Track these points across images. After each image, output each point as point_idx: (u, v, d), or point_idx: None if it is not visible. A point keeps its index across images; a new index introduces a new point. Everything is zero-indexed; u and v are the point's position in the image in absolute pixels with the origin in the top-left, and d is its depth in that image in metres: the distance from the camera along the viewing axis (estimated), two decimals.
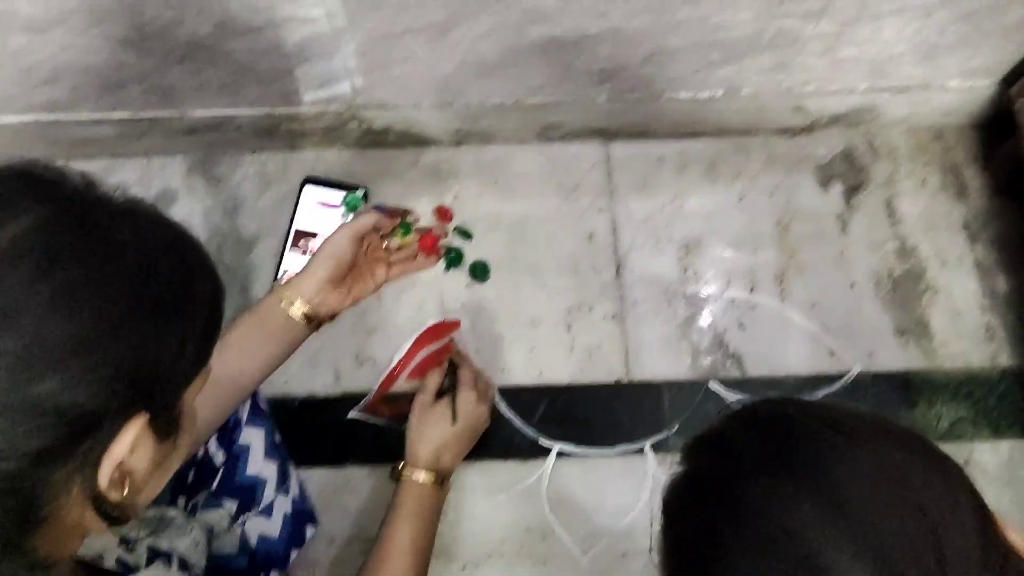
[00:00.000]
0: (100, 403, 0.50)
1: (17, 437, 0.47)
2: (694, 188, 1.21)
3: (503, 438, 1.10)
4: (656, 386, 1.12)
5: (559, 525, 1.07)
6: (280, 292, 0.91)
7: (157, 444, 0.56)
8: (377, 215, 0.96)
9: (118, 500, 0.54)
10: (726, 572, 0.49)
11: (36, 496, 0.49)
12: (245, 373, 0.90)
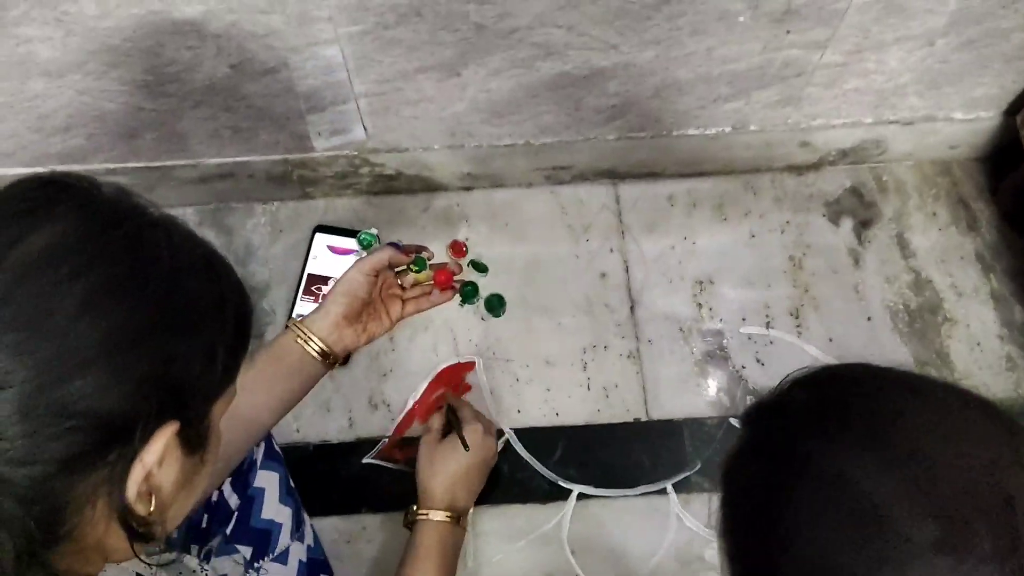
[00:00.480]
0: (130, 408, 0.49)
1: (45, 441, 0.46)
2: (704, 227, 1.21)
3: (520, 481, 1.07)
4: (676, 424, 1.10)
5: (582, 570, 1.03)
6: (295, 329, 0.90)
7: (185, 458, 0.54)
8: (391, 251, 0.96)
9: (144, 515, 0.52)
10: (788, 526, 0.48)
11: (61, 506, 0.48)
12: (260, 411, 0.88)
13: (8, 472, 0.46)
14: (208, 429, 0.56)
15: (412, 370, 1.13)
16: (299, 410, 1.10)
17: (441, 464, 0.95)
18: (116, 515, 0.51)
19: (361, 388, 1.12)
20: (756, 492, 0.52)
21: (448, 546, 0.91)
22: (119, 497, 0.50)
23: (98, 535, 0.52)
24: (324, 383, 1.11)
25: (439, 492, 0.94)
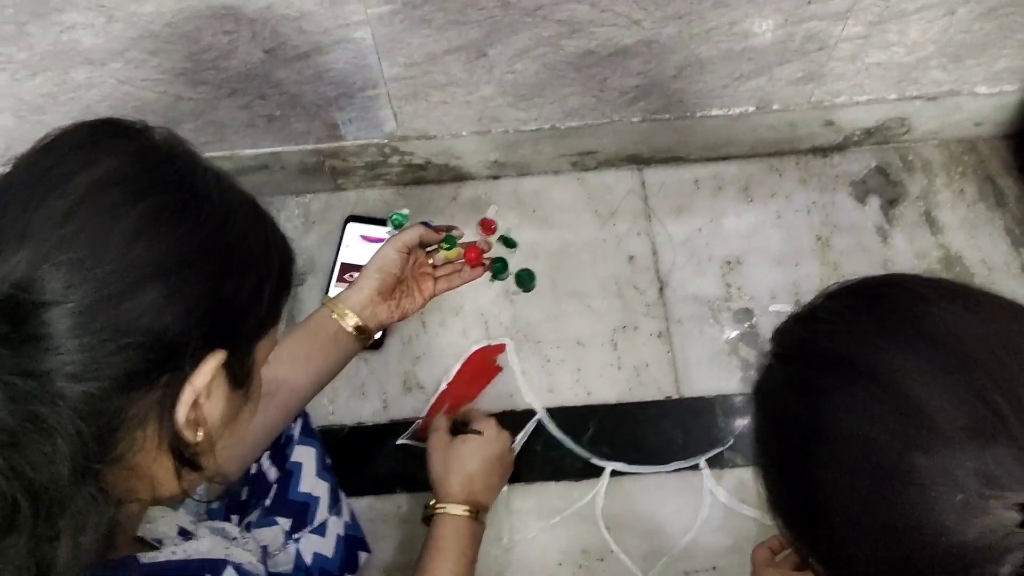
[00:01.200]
0: (183, 330, 0.51)
1: (102, 358, 0.48)
2: (730, 209, 1.22)
3: (553, 459, 1.08)
4: (707, 401, 1.11)
5: (617, 545, 1.03)
6: (330, 305, 0.92)
7: (230, 393, 0.56)
8: (423, 228, 0.98)
9: (193, 443, 0.54)
10: (824, 422, 0.49)
11: (115, 425, 0.50)
12: (297, 385, 0.90)
13: (66, 388, 0.47)
14: (252, 367, 0.58)
15: (444, 353, 1.14)
16: (334, 393, 1.12)
17: (455, 460, 0.95)
18: (165, 440, 0.53)
19: (394, 371, 1.14)
20: (791, 397, 0.53)
21: (466, 540, 0.90)
22: (169, 421, 0.52)
23: (148, 463, 0.54)
24: (358, 367, 1.13)
25: (456, 488, 0.93)
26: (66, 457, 0.47)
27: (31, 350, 0.47)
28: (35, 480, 0.45)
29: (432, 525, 0.91)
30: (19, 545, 0.45)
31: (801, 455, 0.51)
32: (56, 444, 0.46)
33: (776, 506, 0.57)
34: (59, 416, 0.47)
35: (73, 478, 0.47)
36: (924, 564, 0.46)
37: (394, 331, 1.16)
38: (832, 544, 0.51)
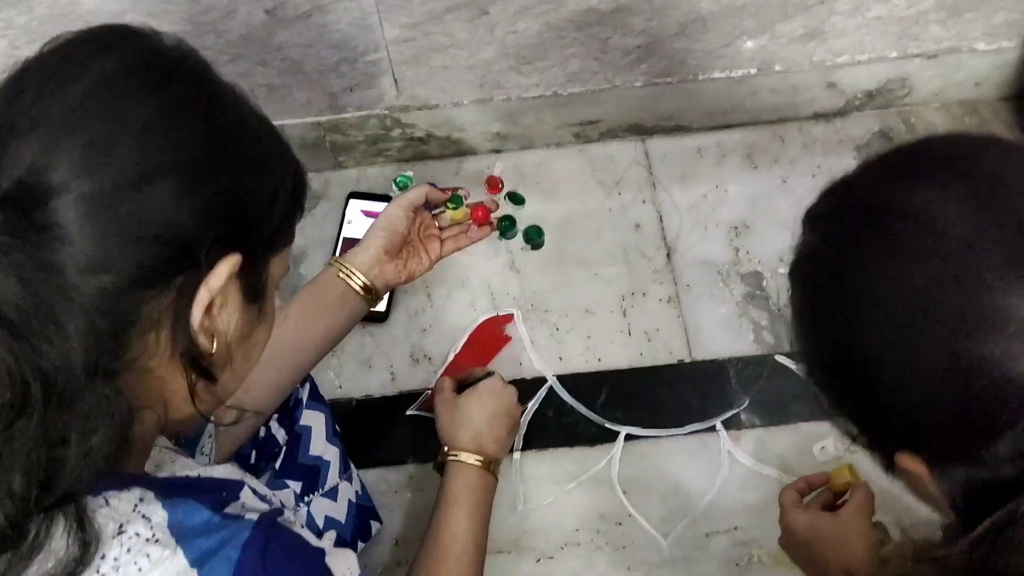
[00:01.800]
0: (197, 227, 0.50)
1: (115, 250, 0.47)
2: (735, 176, 1.22)
3: (567, 425, 1.06)
4: (721, 363, 1.09)
5: (635, 509, 1.01)
6: (337, 265, 0.91)
7: (244, 306, 0.55)
8: (428, 187, 0.97)
9: (208, 352, 0.52)
10: (861, 272, 0.49)
11: (128, 324, 0.48)
12: (304, 344, 0.88)
13: (79, 280, 0.46)
14: (266, 282, 0.57)
15: (451, 325, 1.12)
16: (340, 367, 1.10)
17: (463, 415, 0.93)
18: (180, 348, 0.51)
19: (401, 344, 1.12)
20: (829, 255, 0.52)
21: (480, 493, 0.88)
22: (184, 325, 0.51)
23: (161, 373, 0.52)
24: (363, 341, 1.12)
25: (464, 439, 0.91)
26: (79, 351, 0.45)
27: (42, 240, 0.46)
28: (47, 369, 0.43)
29: (445, 475, 0.89)
30: (29, 431, 0.43)
31: (844, 312, 0.50)
32: (69, 337, 0.45)
33: (822, 381, 0.55)
34: (72, 310, 0.45)
35: (86, 373, 0.45)
36: (973, 399, 0.45)
37: (399, 304, 1.14)
38: (883, 400, 0.50)
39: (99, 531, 0.46)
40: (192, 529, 0.48)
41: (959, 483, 0.48)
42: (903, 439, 0.50)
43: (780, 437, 1.04)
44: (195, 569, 0.46)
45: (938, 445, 0.49)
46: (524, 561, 0.99)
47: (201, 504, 0.49)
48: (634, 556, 0.99)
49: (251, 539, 0.48)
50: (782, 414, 1.05)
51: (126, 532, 0.46)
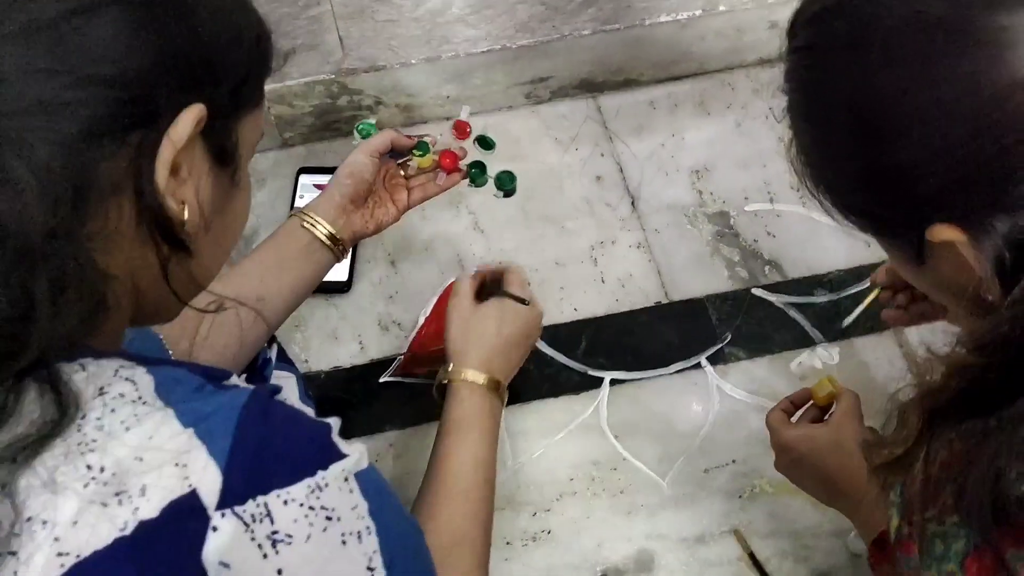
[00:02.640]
0: (151, 66, 0.45)
1: (62, 92, 0.42)
2: (689, 123, 1.21)
3: (548, 376, 1.01)
4: (698, 301, 1.06)
5: (629, 452, 0.97)
6: (300, 215, 0.86)
7: (216, 172, 0.50)
8: (393, 133, 0.92)
9: (179, 219, 0.47)
10: (865, 24, 0.48)
11: (85, 183, 0.43)
12: (270, 295, 0.82)
13: (21, 125, 0.41)
14: (238, 146, 0.52)
15: (418, 290, 1.08)
16: (305, 342, 1.05)
17: (478, 329, 0.83)
18: (146, 216, 0.46)
19: (367, 313, 1.06)
20: (825, 22, 0.50)
21: (486, 417, 0.80)
22: (149, 187, 0.45)
23: (129, 250, 0.46)
24: (328, 313, 1.06)
25: (474, 357, 0.82)
26: (35, 209, 0.39)
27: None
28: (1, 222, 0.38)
29: (451, 397, 0.80)
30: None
31: (852, 74, 0.49)
32: (21, 192, 0.39)
33: (840, 181, 0.53)
34: (19, 160, 0.40)
35: (46, 234, 0.40)
36: (1007, 131, 0.43)
37: (361, 275, 1.09)
38: (910, 167, 0.47)
39: (77, 394, 0.40)
40: (182, 394, 0.42)
41: (1001, 236, 0.45)
42: (935, 208, 0.47)
43: (766, 367, 1.02)
44: (189, 429, 0.40)
45: (970, 195, 0.46)
46: (520, 517, 0.93)
47: (191, 372, 0.44)
48: (634, 500, 0.94)
49: (250, 402, 0.42)
50: (765, 344, 1.03)
51: (108, 393, 0.41)
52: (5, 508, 0.36)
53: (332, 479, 0.42)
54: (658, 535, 0.92)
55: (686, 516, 0.93)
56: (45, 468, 0.37)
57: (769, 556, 0.91)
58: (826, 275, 1.08)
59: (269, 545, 0.39)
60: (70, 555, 0.36)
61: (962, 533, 0.46)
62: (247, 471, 0.40)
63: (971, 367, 0.45)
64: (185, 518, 0.38)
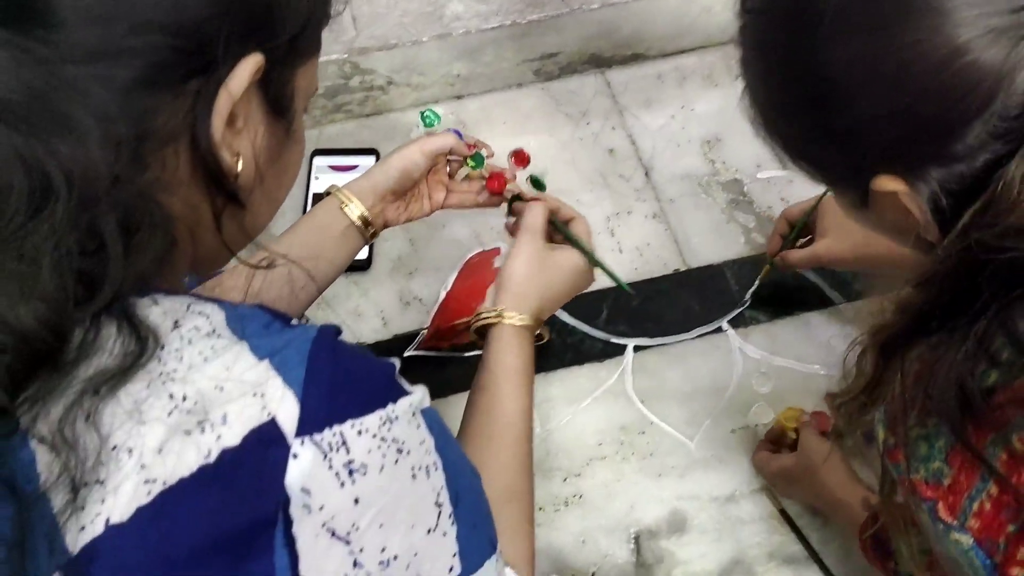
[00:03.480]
0: (209, 15, 0.45)
1: (121, 40, 0.42)
2: (698, 94, 1.22)
3: (571, 345, 1.02)
4: (716, 267, 1.07)
5: (656, 416, 0.97)
6: (339, 195, 0.84)
7: (271, 123, 0.50)
8: (455, 138, 0.88)
9: (232, 172, 0.47)
10: None
11: (144, 131, 0.43)
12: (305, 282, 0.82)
13: (83, 73, 0.41)
14: (293, 98, 0.52)
15: (438, 265, 1.08)
16: (328, 320, 1.04)
17: (547, 276, 0.78)
18: (201, 167, 0.47)
19: (388, 289, 1.07)
20: None
21: (532, 366, 0.77)
22: (204, 136, 0.45)
23: (184, 199, 0.47)
24: (349, 291, 1.07)
25: (535, 305, 0.77)
26: (97, 156, 0.40)
27: (38, 29, 0.41)
28: (66, 167, 0.38)
29: (499, 341, 0.75)
30: (54, 221, 0.37)
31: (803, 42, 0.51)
32: (83, 139, 0.39)
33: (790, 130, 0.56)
34: (81, 108, 0.40)
35: (110, 180, 0.40)
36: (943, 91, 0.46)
37: (380, 252, 1.09)
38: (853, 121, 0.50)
39: (155, 328, 0.40)
40: (253, 329, 0.42)
41: (938, 185, 0.49)
42: (876, 159, 0.51)
43: (786, 328, 1.03)
44: (264, 360, 0.40)
45: (913, 151, 0.50)
46: (552, 483, 0.94)
47: (259, 310, 0.44)
48: (663, 462, 0.95)
49: (319, 337, 0.42)
50: (785, 307, 1.04)
51: (183, 327, 0.41)
52: (92, 438, 0.36)
53: (401, 412, 0.43)
54: (690, 495, 0.93)
55: (716, 476, 0.94)
56: (129, 398, 0.38)
57: (800, 512, 0.91)
58: None
59: (346, 474, 0.40)
60: (157, 482, 0.36)
61: (943, 431, 0.51)
62: (322, 401, 0.40)
63: (915, 303, 0.50)
64: (266, 445, 0.38)
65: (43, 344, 0.37)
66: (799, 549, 0.90)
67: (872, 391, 0.54)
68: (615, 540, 0.91)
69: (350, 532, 0.40)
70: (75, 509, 0.35)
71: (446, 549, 0.45)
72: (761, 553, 0.90)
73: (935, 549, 0.54)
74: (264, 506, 0.37)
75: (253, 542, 0.37)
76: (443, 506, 0.45)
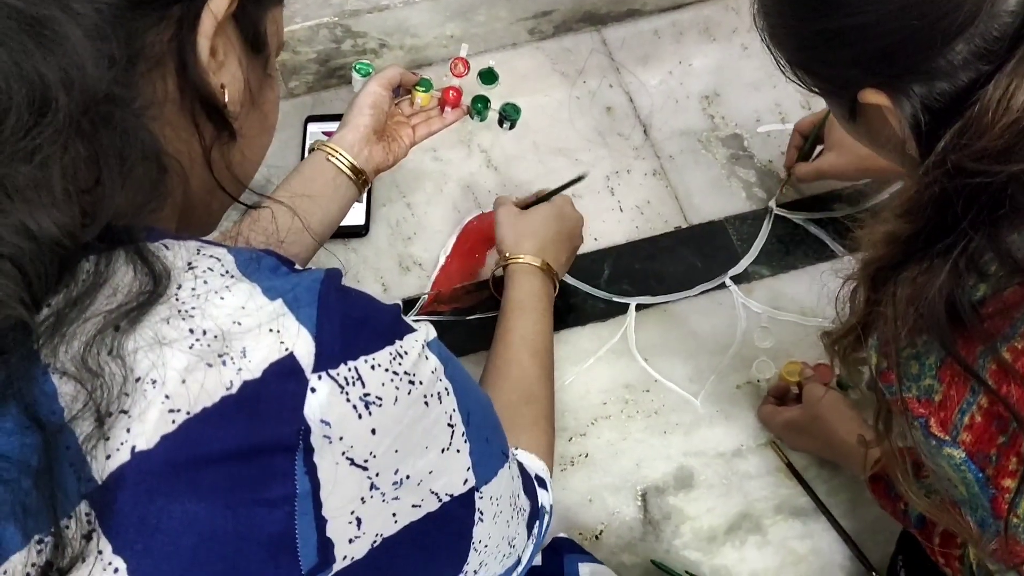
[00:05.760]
0: None
1: None
2: (695, 50, 1.20)
3: (574, 306, 1.01)
4: (718, 223, 1.06)
5: (660, 374, 0.97)
6: (323, 148, 0.85)
7: (248, 55, 0.50)
8: (400, 69, 0.92)
9: (220, 101, 0.47)
10: None
11: (133, 53, 0.43)
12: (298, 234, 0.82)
13: None
14: (266, 34, 0.52)
15: (437, 229, 1.07)
16: None
17: (527, 227, 0.91)
18: (188, 93, 0.47)
19: (387, 255, 1.06)
20: None
21: (545, 298, 0.87)
22: (191, 62, 0.46)
23: (173, 133, 0.47)
24: (347, 257, 1.06)
25: (528, 247, 0.89)
26: (91, 70, 0.39)
27: None
28: (62, 75, 0.38)
29: (508, 284, 0.87)
30: (58, 125, 0.37)
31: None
32: (76, 51, 0.39)
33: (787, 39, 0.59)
34: (70, 24, 0.39)
35: (105, 95, 0.40)
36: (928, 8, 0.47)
37: (378, 218, 1.08)
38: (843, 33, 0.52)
39: (168, 267, 0.40)
40: (263, 273, 0.42)
41: (920, 102, 0.51)
42: (865, 72, 0.53)
43: (789, 282, 1.02)
44: (277, 299, 0.41)
45: (896, 63, 0.51)
46: (558, 443, 0.92)
47: (267, 254, 0.44)
48: (668, 419, 0.95)
49: (326, 278, 0.43)
50: (788, 261, 1.04)
51: (197, 267, 0.41)
52: (116, 369, 0.37)
53: (410, 347, 0.44)
54: (695, 452, 0.93)
55: (721, 432, 0.94)
56: (149, 332, 0.38)
57: (807, 465, 0.91)
58: (843, 189, 1.08)
59: (363, 406, 0.41)
60: (180, 412, 0.37)
61: (933, 347, 0.52)
62: (336, 338, 0.41)
63: (902, 232, 0.52)
64: (285, 378, 0.39)
65: (62, 250, 0.37)
66: (806, 501, 0.90)
67: (865, 325, 0.55)
68: (622, 498, 0.91)
69: (367, 460, 0.41)
70: (101, 438, 0.36)
71: (460, 464, 0.47)
72: (768, 506, 0.90)
73: (928, 466, 0.56)
74: (285, 432, 0.38)
75: (275, 465, 0.38)
76: (455, 426, 0.47)
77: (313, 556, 0.40)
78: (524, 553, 0.59)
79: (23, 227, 0.35)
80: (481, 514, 0.50)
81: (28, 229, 0.36)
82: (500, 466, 0.52)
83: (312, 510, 0.39)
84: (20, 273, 0.35)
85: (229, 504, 0.37)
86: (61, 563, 0.34)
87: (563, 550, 0.81)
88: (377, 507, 0.43)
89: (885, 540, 0.87)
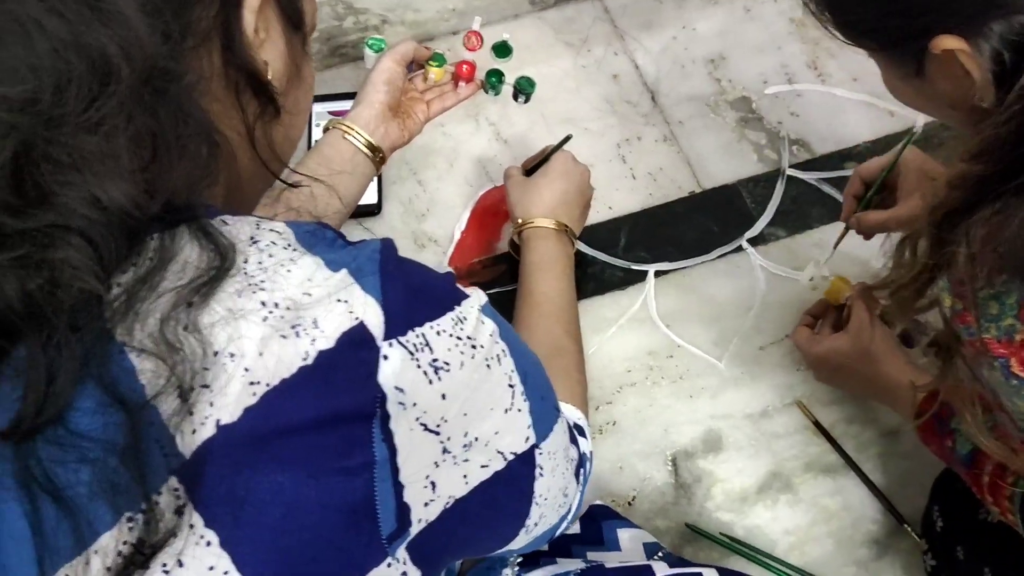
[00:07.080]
0: None
1: None
2: (698, 14, 1.19)
3: (592, 275, 1.01)
4: (731, 187, 1.06)
5: (682, 339, 0.97)
6: (339, 126, 0.85)
7: (288, 32, 0.50)
8: (414, 43, 0.91)
9: (263, 76, 0.47)
10: None
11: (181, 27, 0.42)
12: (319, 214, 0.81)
13: None
14: (302, 11, 0.52)
15: (450, 205, 1.06)
16: None
17: (534, 192, 0.91)
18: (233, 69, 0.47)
19: (401, 233, 1.05)
20: None
21: (563, 258, 0.88)
22: (237, 38, 0.46)
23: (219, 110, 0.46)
24: (362, 236, 1.05)
25: (538, 209, 0.90)
26: (147, 42, 0.38)
27: None
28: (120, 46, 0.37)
29: (524, 249, 0.88)
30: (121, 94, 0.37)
31: None
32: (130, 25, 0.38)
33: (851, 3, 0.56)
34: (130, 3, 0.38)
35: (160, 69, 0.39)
36: None
37: (390, 196, 1.07)
38: None
39: (232, 242, 0.40)
40: (322, 246, 0.42)
41: (999, 40, 0.49)
42: (936, 17, 0.51)
43: (806, 243, 1.02)
44: (341, 270, 0.40)
45: (971, 4, 0.49)
46: None
47: (322, 227, 0.44)
48: (694, 384, 0.95)
49: (384, 248, 0.43)
50: (804, 220, 1.04)
51: (260, 241, 0.41)
52: (195, 344, 0.36)
53: (468, 312, 0.45)
54: (723, 414, 0.93)
55: (747, 393, 0.94)
56: (222, 306, 0.38)
57: (834, 422, 0.92)
58: (854, 148, 1.08)
59: (432, 372, 0.41)
60: (260, 384, 0.37)
61: (1013, 287, 0.51)
62: (401, 306, 0.41)
63: (972, 174, 0.50)
64: (358, 347, 0.39)
65: (131, 221, 0.37)
66: (835, 459, 0.91)
67: (929, 273, 0.55)
68: (652, 463, 0.91)
69: (439, 424, 0.42)
70: (186, 413, 0.36)
71: (522, 423, 0.48)
72: (798, 465, 0.91)
73: (1006, 407, 0.55)
74: (362, 400, 0.39)
75: (354, 434, 0.38)
76: (515, 386, 0.48)
77: (392, 521, 0.40)
78: (574, 501, 0.60)
79: (93, 198, 0.35)
80: (541, 469, 0.51)
81: (98, 200, 0.35)
82: (555, 422, 0.53)
83: (390, 476, 0.39)
84: (91, 247, 0.35)
85: (311, 474, 0.37)
86: (154, 538, 0.34)
87: (600, 517, 0.82)
88: (449, 470, 0.43)
89: (915, 493, 0.87)
